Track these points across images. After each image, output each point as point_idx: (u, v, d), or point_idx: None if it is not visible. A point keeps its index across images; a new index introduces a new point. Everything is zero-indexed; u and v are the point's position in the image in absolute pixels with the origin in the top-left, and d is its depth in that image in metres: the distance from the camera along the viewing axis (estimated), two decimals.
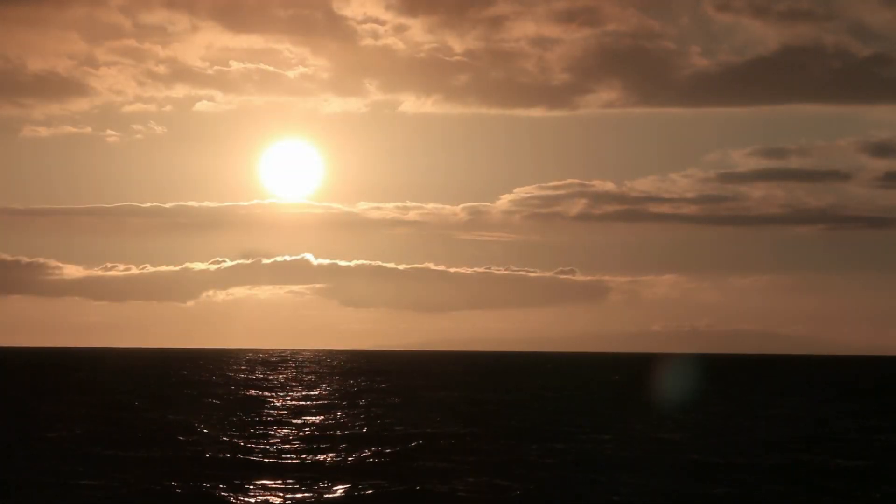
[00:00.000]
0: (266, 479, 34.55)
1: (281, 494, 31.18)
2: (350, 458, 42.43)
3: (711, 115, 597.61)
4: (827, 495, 33.71)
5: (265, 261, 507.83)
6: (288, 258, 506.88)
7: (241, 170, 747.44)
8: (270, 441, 51.07)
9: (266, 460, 41.60)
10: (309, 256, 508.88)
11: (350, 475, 36.00)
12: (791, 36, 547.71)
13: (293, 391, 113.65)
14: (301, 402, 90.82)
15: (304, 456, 43.61)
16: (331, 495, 31.05)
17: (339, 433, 56.52)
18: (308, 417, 70.20)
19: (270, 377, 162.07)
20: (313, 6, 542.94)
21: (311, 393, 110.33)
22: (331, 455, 44.06)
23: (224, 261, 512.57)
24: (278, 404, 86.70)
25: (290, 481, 34.19)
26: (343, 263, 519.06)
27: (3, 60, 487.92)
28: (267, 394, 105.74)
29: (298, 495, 31.25)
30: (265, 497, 30.53)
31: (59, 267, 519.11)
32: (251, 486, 32.75)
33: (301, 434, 55.86)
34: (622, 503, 30.46)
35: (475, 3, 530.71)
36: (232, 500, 29.66)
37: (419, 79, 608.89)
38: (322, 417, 70.66)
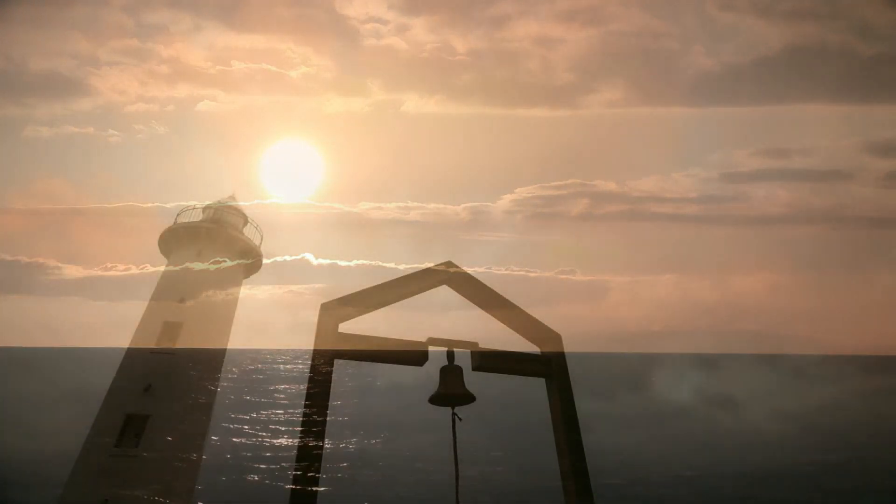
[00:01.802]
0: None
1: None
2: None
3: (714, 114, 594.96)
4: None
5: (265, 261, 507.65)
6: (288, 258, 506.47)
7: (242, 170, 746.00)
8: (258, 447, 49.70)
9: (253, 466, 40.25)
10: (309, 256, 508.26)
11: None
12: (795, 35, 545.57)
13: (290, 392, 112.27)
14: (295, 405, 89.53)
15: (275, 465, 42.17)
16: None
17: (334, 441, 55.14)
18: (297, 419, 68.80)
19: (269, 377, 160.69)
20: (316, 6, 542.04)
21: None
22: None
23: (224, 261, 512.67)
24: (276, 408, 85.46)
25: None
26: (343, 263, 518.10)
27: (5, 60, 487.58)
28: (263, 397, 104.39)
29: None
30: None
31: (58, 267, 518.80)
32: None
33: (285, 441, 54.51)
34: None
35: (478, 3, 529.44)
36: None
37: (422, 78, 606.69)
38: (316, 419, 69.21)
